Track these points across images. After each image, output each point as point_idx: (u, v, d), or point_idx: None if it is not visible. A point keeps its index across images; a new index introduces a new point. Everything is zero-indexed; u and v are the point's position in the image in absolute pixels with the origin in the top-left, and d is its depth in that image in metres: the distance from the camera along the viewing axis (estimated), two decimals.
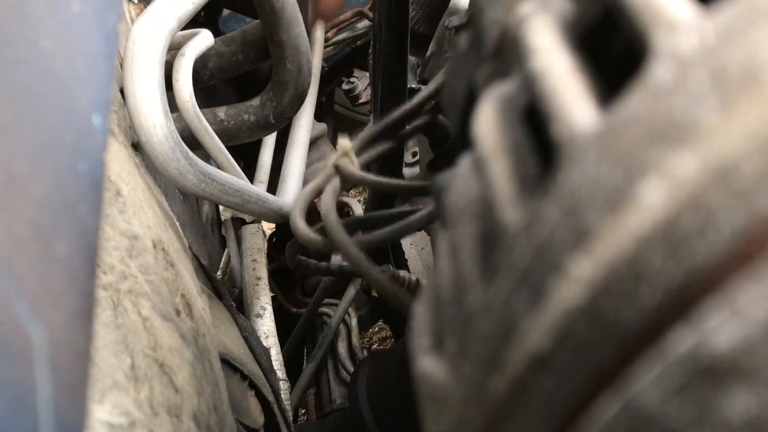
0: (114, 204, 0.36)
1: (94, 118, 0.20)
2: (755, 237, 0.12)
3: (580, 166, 0.14)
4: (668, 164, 0.13)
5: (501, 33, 0.21)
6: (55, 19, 0.19)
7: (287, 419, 0.62)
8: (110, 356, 0.30)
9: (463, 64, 0.24)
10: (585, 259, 0.14)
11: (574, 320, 0.14)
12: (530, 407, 0.15)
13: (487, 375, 0.16)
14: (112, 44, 0.21)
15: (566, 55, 0.18)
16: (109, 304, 0.32)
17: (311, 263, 0.76)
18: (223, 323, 0.57)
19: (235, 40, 0.75)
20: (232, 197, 0.62)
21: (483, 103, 0.20)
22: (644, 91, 0.14)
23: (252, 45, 0.75)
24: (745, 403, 0.12)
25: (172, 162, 0.51)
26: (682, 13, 0.15)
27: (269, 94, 0.74)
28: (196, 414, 0.36)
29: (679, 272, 0.13)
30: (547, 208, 0.15)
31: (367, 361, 0.77)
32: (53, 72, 0.19)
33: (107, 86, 0.21)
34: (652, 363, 0.13)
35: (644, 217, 0.13)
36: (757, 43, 0.13)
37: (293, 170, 0.90)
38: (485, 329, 0.16)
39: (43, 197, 0.17)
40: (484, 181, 0.18)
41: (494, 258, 0.17)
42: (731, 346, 0.12)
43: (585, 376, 0.14)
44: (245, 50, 0.75)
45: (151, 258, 0.38)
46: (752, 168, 0.12)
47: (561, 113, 0.16)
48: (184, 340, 0.38)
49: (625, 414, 0.13)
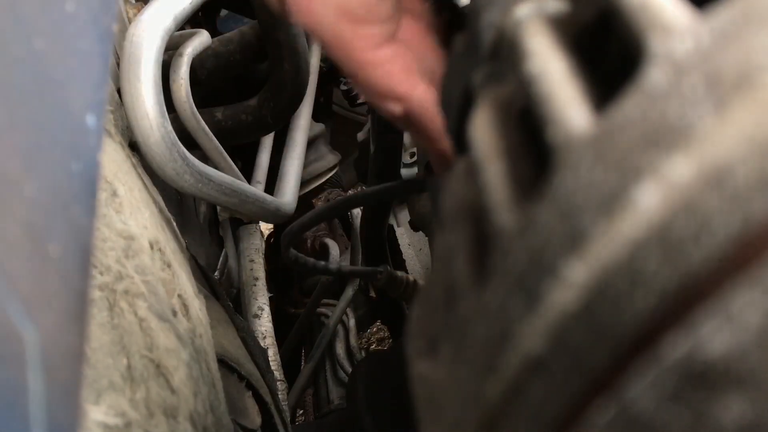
0: (110, 204, 0.36)
1: (89, 118, 0.20)
2: (750, 242, 0.12)
3: (575, 170, 0.14)
4: (663, 168, 0.13)
5: (497, 35, 0.21)
6: (49, 18, 0.19)
7: (284, 420, 0.62)
8: (106, 357, 0.30)
9: (460, 66, 0.24)
10: (580, 263, 0.14)
11: (569, 325, 0.14)
12: (525, 411, 0.15)
13: (482, 379, 0.16)
14: (106, 44, 0.21)
15: (562, 58, 0.18)
16: (105, 305, 0.32)
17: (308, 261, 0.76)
18: (220, 324, 0.57)
19: (232, 41, 0.75)
20: (230, 198, 0.62)
21: (479, 106, 0.20)
22: (639, 94, 0.14)
23: (250, 45, 0.75)
24: (740, 409, 0.12)
25: (169, 162, 0.51)
26: (677, 17, 0.15)
27: (267, 94, 0.74)
28: (192, 415, 0.36)
29: (673, 277, 0.13)
30: (542, 212, 0.15)
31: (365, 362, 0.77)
32: (47, 72, 0.18)
33: (102, 86, 0.21)
34: (646, 368, 0.13)
35: (639, 222, 0.13)
36: (752, 47, 0.13)
37: (291, 171, 0.90)
38: (480, 333, 0.16)
39: (37, 197, 0.17)
40: (479, 184, 0.18)
41: (489, 262, 0.17)
42: (725, 351, 0.12)
43: (580, 381, 0.14)
44: (243, 50, 0.75)
45: (148, 258, 0.38)
46: (747, 172, 0.12)
47: (556, 117, 0.16)
48: (180, 341, 0.38)
49: (620, 419, 0.13)
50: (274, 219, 0.81)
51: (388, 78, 0.34)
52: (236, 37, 0.75)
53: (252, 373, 0.57)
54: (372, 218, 1.03)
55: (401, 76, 0.34)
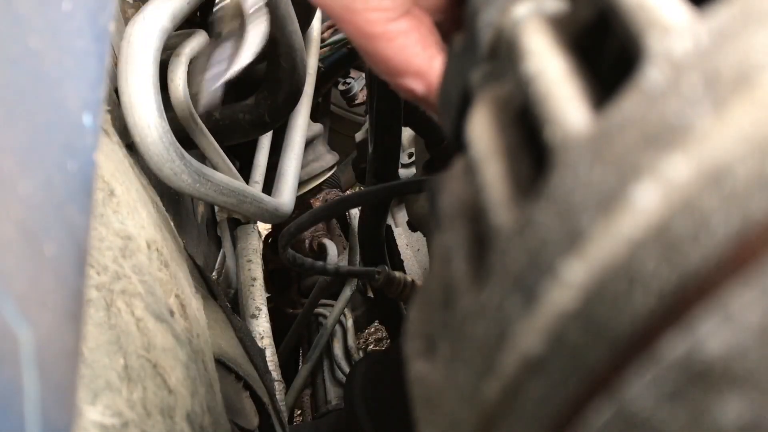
0: (108, 204, 0.36)
1: (85, 117, 0.20)
2: (749, 241, 0.12)
3: (574, 169, 0.14)
4: (662, 167, 0.13)
5: (495, 35, 0.21)
6: (45, 17, 0.19)
7: (282, 420, 0.61)
8: (103, 357, 0.30)
9: (458, 65, 0.24)
10: (578, 262, 0.14)
11: (567, 324, 0.14)
12: (523, 411, 0.15)
13: (480, 379, 0.16)
14: (103, 43, 0.21)
15: (560, 57, 0.18)
16: (102, 305, 0.31)
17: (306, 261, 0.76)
18: (218, 324, 0.56)
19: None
20: (228, 197, 0.62)
21: (477, 105, 0.20)
22: (638, 94, 0.14)
23: None
24: (738, 408, 0.12)
25: (167, 162, 0.51)
26: (675, 16, 0.15)
27: (264, 93, 0.74)
28: (189, 415, 0.36)
29: (672, 276, 0.13)
30: (540, 212, 0.15)
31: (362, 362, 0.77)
32: (43, 71, 0.18)
33: (98, 85, 0.21)
34: (645, 368, 0.13)
35: (637, 221, 0.13)
36: (750, 46, 0.13)
37: (289, 171, 0.90)
38: (478, 333, 0.16)
39: (32, 196, 0.17)
40: (478, 184, 0.18)
41: (487, 261, 0.17)
42: (724, 351, 0.12)
43: (578, 381, 0.14)
44: None
45: (145, 258, 0.38)
46: (745, 171, 0.12)
47: (554, 116, 0.16)
48: (177, 341, 0.38)
49: (618, 419, 0.13)
50: (272, 219, 0.81)
51: (403, 52, 0.32)
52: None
53: (249, 374, 0.56)
54: (370, 218, 1.03)
55: (417, 49, 0.32)
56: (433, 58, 0.32)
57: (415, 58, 0.32)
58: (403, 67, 0.32)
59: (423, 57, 0.32)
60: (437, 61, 0.32)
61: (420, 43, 0.32)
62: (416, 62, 0.32)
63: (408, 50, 0.32)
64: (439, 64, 0.32)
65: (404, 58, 0.32)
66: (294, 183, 0.90)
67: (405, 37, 0.32)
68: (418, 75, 0.32)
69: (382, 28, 0.32)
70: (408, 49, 0.32)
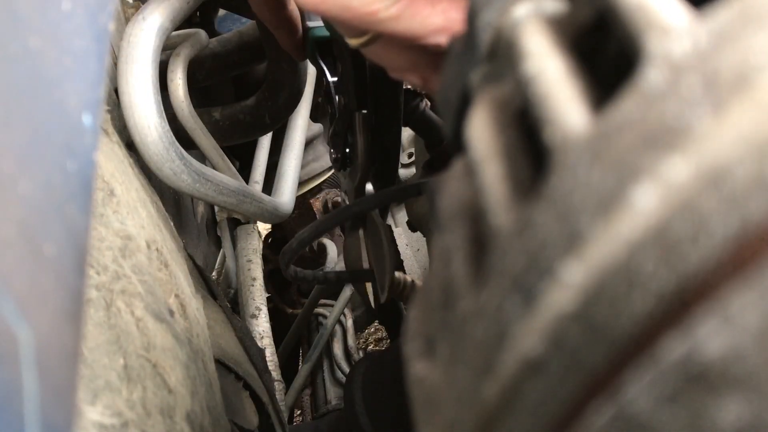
0: (107, 204, 0.36)
1: (84, 117, 0.20)
2: (748, 243, 0.12)
3: (573, 171, 0.14)
4: (661, 169, 0.13)
5: (495, 35, 0.21)
6: (45, 17, 0.19)
7: (282, 420, 0.61)
8: (103, 357, 0.30)
9: (457, 66, 0.24)
10: (577, 264, 0.14)
11: (566, 326, 0.14)
12: (522, 412, 0.15)
13: (480, 379, 0.16)
14: (102, 43, 0.21)
15: (559, 58, 0.18)
16: (102, 305, 0.31)
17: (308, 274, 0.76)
18: (217, 324, 0.56)
19: (231, 41, 0.75)
20: (227, 197, 0.62)
21: (476, 106, 0.20)
22: (637, 95, 0.14)
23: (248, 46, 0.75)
24: (737, 411, 0.12)
25: (167, 162, 0.51)
26: (675, 18, 0.15)
27: (264, 94, 0.74)
28: (189, 414, 0.36)
29: (671, 278, 0.13)
30: (540, 213, 0.15)
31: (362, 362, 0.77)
32: (42, 70, 0.18)
33: (98, 85, 0.21)
34: (644, 370, 0.13)
35: (637, 222, 0.13)
36: (750, 48, 0.13)
37: (289, 171, 0.90)
38: (477, 334, 0.16)
39: (31, 196, 0.17)
40: (477, 185, 0.18)
41: (487, 262, 0.17)
42: (723, 353, 0.12)
43: (577, 382, 0.14)
44: (241, 51, 0.75)
45: (145, 258, 0.38)
46: (744, 173, 0.12)
47: (553, 117, 0.16)
48: (177, 341, 0.38)
49: (617, 421, 0.13)
50: (272, 219, 0.81)
51: (415, 19, 0.32)
52: (235, 37, 0.75)
53: (249, 374, 0.56)
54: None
55: (428, 9, 0.33)
56: (448, 11, 0.33)
57: (428, 19, 0.33)
58: (422, 33, 0.33)
59: (437, 11, 0.33)
60: (453, 12, 0.33)
61: (429, 4, 0.33)
62: (432, 22, 0.33)
63: (418, 16, 0.33)
64: (456, 13, 0.33)
65: (419, 25, 0.33)
66: (294, 183, 0.90)
67: (411, 7, 0.32)
68: (442, 31, 0.33)
69: (386, 13, 0.32)
70: (417, 16, 0.33)
